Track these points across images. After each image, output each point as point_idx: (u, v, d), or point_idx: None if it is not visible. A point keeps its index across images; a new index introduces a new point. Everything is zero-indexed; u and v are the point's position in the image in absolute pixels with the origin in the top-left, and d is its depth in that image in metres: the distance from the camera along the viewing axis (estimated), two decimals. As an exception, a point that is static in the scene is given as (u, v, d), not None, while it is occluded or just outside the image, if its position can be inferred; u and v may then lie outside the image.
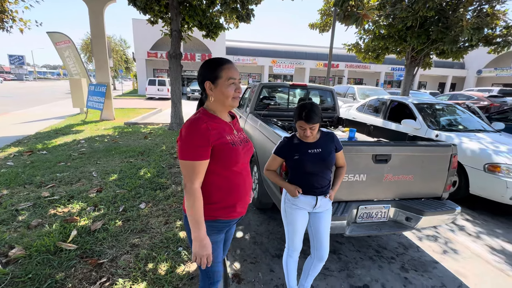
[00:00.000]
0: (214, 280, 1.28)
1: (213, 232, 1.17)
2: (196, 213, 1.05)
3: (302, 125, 1.57)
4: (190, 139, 1.04)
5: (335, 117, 4.13)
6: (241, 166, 1.18)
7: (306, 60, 25.21)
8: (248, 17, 7.06)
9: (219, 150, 1.09)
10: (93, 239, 2.22)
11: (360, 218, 2.15)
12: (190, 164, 1.04)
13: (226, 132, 1.14)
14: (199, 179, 1.07)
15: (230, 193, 1.17)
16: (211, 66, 1.12)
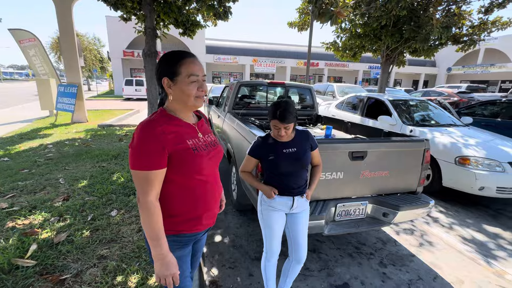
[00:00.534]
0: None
1: (177, 248, 1.05)
2: (154, 229, 0.92)
3: (276, 124, 1.50)
4: (142, 145, 0.90)
5: (313, 114, 4.13)
6: (206, 173, 1.05)
7: (287, 58, 25.41)
8: (225, 15, 6.92)
9: (178, 157, 0.96)
10: (55, 253, 2.03)
11: (339, 216, 2.13)
12: (143, 174, 0.90)
13: (187, 136, 1.01)
14: (154, 191, 0.93)
15: (194, 204, 1.05)
16: (170, 61, 0.99)
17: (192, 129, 1.06)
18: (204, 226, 1.11)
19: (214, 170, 1.13)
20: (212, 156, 1.09)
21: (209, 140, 1.12)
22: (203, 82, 1.02)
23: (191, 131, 1.05)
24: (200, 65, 1.02)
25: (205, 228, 1.13)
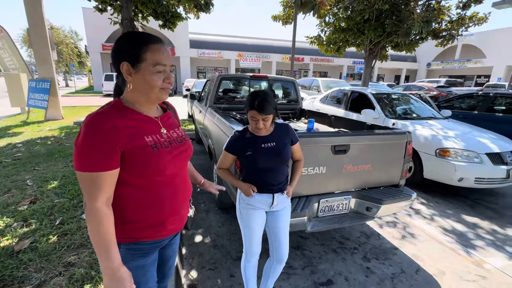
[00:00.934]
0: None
1: (137, 256, 0.93)
2: (102, 240, 0.78)
3: (254, 115, 1.39)
4: (88, 142, 0.76)
5: (297, 108, 4.07)
6: (169, 173, 0.92)
7: (273, 53, 25.29)
8: (207, 7, 6.70)
9: (133, 155, 0.83)
10: (15, 262, 1.85)
11: (322, 212, 2.07)
12: (90, 176, 0.77)
13: (146, 132, 0.88)
14: (103, 195, 0.79)
15: (156, 209, 0.92)
16: (133, 43, 0.84)
17: (153, 124, 0.93)
18: (170, 231, 0.99)
19: (181, 169, 1.00)
20: (178, 153, 0.96)
21: (175, 136, 0.99)
22: (170, 73, 0.89)
23: (151, 126, 0.92)
24: (168, 53, 0.89)
25: (171, 234, 1.00)
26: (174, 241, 1.14)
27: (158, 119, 0.96)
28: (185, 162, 1.03)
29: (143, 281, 0.96)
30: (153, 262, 1.01)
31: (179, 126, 1.07)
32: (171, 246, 1.14)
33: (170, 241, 1.09)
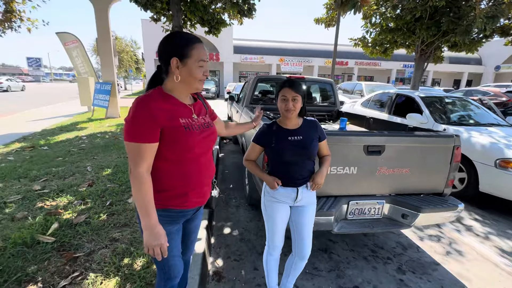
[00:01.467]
0: (170, 275, 1.17)
1: (165, 222, 1.06)
2: (143, 200, 0.95)
3: (284, 94, 1.43)
4: (134, 118, 0.93)
5: (334, 110, 3.95)
6: (197, 152, 1.07)
7: (315, 58, 24.84)
8: (249, 12, 6.94)
9: (170, 133, 0.98)
10: (73, 233, 2.16)
11: (351, 214, 1.99)
12: (134, 146, 0.93)
13: (181, 115, 1.04)
14: (145, 163, 0.95)
15: (182, 181, 1.06)
16: (181, 42, 1.00)
17: (187, 109, 1.08)
18: (193, 203, 1.12)
19: (207, 150, 1.14)
20: (205, 136, 1.10)
21: (203, 122, 1.13)
22: (207, 67, 1.06)
23: (185, 110, 1.07)
24: (206, 51, 1.06)
25: (194, 206, 1.13)
26: (196, 216, 1.28)
27: (191, 106, 1.11)
28: (211, 144, 1.16)
29: (168, 248, 1.07)
30: (177, 232, 1.14)
31: (206, 113, 1.21)
32: (193, 221, 1.28)
33: (193, 215, 1.22)
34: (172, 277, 1.18)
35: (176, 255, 1.15)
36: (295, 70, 23.31)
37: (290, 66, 22.55)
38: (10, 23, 6.77)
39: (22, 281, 1.65)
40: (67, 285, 1.65)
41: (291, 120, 1.51)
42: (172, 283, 1.19)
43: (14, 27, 6.94)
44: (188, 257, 1.39)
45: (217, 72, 25.78)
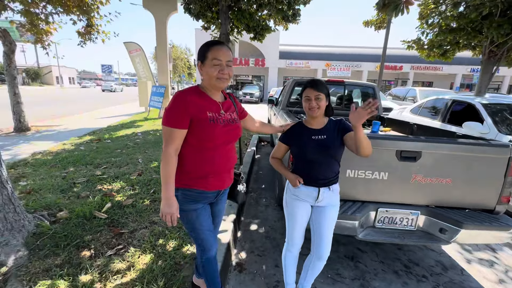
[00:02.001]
0: (204, 247, 1.34)
1: (188, 200, 1.24)
2: (166, 174, 1.13)
3: (307, 94, 1.46)
4: (172, 107, 1.13)
5: (375, 116, 3.74)
6: (218, 143, 1.21)
7: (364, 62, 23.58)
8: (294, 17, 7.00)
9: (196, 123, 1.15)
10: (121, 212, 2.50)
11: (380, 222, 1.89)
12: (168, 129, 1.13)
13: (209, 109, 1.19)
14: (173, 145, 1.13)
15: (202, 165, 1.21)
16: (202, 48, 1.19)
17: (215, 105, 1.24)
18: (212, 186, 1.26)
19: (228, 142, 1.28)
20: (228, 130, 1.25)
21: (229, 118, 1.29)
22: (225, 66, 1.16)
23: (214, 106, 1.23)
24: (225, 51, 1.16)
25: (213, 189, 1.28)
26: (219, 201, 1.44)
27: (220, 103, 1.27)
28: (233, 138, 1.31)
29: (197, 222, 1.29)
30: (204, 209, 1.30)
31: (234, 111, 1.37)
32: (217, 205, 1.45)
33: (216, 199, 1.38)
34: (206, 249, 1.34)
35: (206, 229, 1.31)
36: (342, 75, 22.47)
37: (337, 71, 21.82)
38: (90, 35, 8.00)
39: (80, 246, 1.99)
40: (113, 254, 1.93)
41: (316, 120, 1.52)
42: (207, 254, 1.35)
43: (92, 38, 8.19)
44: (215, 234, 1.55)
45: (262, 77, 26.32)
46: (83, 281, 1.65)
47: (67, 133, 6.48)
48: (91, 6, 6.90)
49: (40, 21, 6.49)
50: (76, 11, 6.62)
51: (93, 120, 8.78)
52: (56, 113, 10.50)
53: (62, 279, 1.65)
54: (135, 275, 1.73)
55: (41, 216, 2.27)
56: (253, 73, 26.25)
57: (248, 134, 6.97)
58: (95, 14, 7.24)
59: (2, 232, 1.86)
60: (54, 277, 1.66)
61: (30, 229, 2.04)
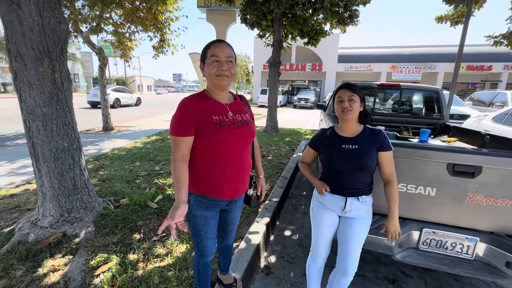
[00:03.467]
0: (203, 253, 1.36)
1: (201, 207, 1.24)
2: (175, 179, 1.11)
3: (340, 94, 1.40)
4: (175, 115, 1.13)
5: (439, 123, 3.27)
6: (228, 146, 1.16)
7: (439, 63, 20.67)
8: (351, 19, 6.67)
9: (202, 128, 1.12)
10: (169, 204, 2.80)
11: (425, 245, 1.66)
12: (173, 138, 1.13)
13: (215, 112, 1.16)
14: (179, 152, 1.12)
15: (216, 173, 1.18)
16: (204, 48, 1.17)
17: (222, 108, 1.20)
18: (225, 196, 1.23)
19: (240, 146, 1.23)
20: (238, 132, 1.20)
21: (240, 119, 1.23)
22: (224, 62, 1.12)
23: (220, 109, 1.19)
24: (223, 47, 1.12)
25: (225, 198, 1.25)
26: (233, 208, 1.41)
27: (227, 105, 1.23)
28: (246, 141, 1.25)
29: (203, 229, 1.29)
30: (212, 218, 1.30)
31: (246, 112, 1.31)
32: (231, 212, 1.42)
33: (228, 206, 1.35)
34: (205, 255, 1.37)
35: (210, 237, 1.33)
36: (410, 78, 20.21)
37: (404, 74, 19.75)
38: (162, 48, 9.19)
39: (132, 229, 2.32)
40: (157, 240, 2.19)
41: (349, 126, 1.44)
42: (204, 260, 1.39)
43: (163, 51, 9.38)
44: (229, 243, 1.57)
45: (319, 82, 25.65)
46: (130, 259, 1.92)
47: (139, 133, 7.56)
48: (164, 23, 7.94)
49: (125, 39, 7.80)
50: (153, 28, 7.72)
51: (161, 122, 10.01)
52: (134, 115, 12.34)
53: (115, 254, 1.96)
54: (171, 261, 1.93)
55: (109, 201, 2.73)
56: (309, 78, 25.82)
57: (297, 139, 6.90)
58: (167, 30, 8.29)
59: (79, 209, 2.32)
60: (110, 252, 1.99)
61: (98, 210, 2.49)
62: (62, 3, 1.98)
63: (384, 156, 1.39)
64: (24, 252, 1.95)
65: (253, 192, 1.46)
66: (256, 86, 25.98)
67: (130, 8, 6.80)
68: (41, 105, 2.00)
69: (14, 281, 1.69)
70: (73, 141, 2.26)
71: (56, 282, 1.70)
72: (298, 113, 16.10)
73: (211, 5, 12.33)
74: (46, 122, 2.05)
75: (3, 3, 1.78)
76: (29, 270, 1.79)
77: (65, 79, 2.11)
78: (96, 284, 1.68)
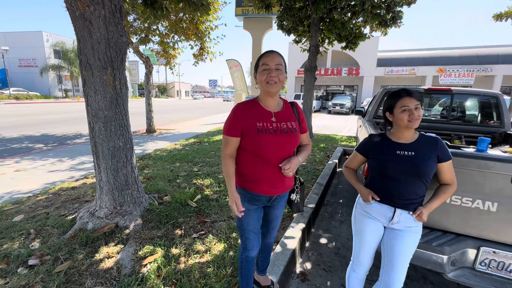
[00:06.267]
0: (247, 246, 1.44)
1: (244, 200, 1.36)
2: (225, 174, 1.32)
3: (406, 103, 1.29)
4: (228, 118, 1.30)
5: (499, 132, 2.93)
6: (267, 151, 1.25)
7: (498, 65, 18.53)
8: (394, 21, 6.34)
9: (246, 131, 1.26)
10: (207, 204, 2.93)
11: (484, 265, 1.51)
12: (224, 137, 1.30)
13: (259, 119, 1.26)
14: (228, 150, 1.30)
15: (256, 171, 1.30)
16: (257, 59, 1.30)
17: (268, 114, 1.29)
18: (264, 191, 1.33)
19: (279, 152, 1.28)
20: (278, 140, 1.26)
21: (284, 127, 1.30)
22: (274, 70, 1.21)
23: (266, 115, 1.29)
24: (274, 57, 1.22)
25: (264, 194, 1.34)
26: (276, 206, 1.48)
27: (273, 112, 1.30)
28: (285, 148, 1.30)
29: (245, 221, 1.40)
30: (255, 211, 1.40)
31: (294, 120, 1.35)
32: (274, 209, 1.49)
33: (270, 203, 1.42)
34: (248, 248, 1.44)
35: (252, 230, 1.41)
36: (461, 83, 18.46)
37: (453, 78, 18.12)
38: (202, 56, 9.68)
39: (175, 225, 2.47)
40: (196, 237, 2.30)
41: (407, 133, 1.37)
42: (248, 253, 1.45)
43: (203, 58, 9.87)
44: (270, 240, 1.62)
45: (355, 87, 24.67)
46: (173, 253, 2.05)
47: (178, 136, 8.02)
48: (204, 32, 8.38)
49: (169, 48, 8.39)
50: (194, 37, 8.20)
51: (198, 126, 10.50)
52: (173, 119, 13.14)
53: (160, 247, 2.11)
54: (210, 258, 2.01)
55: (154, 197, 2.95)
56: (345, 83, 24.99)
57: (332, 145, 6.71)
58: (207, 39, 8.73)
59: (129, 203, 2.54)
60: (155, 244, 2.14)
61: (145, 205, 2.70)
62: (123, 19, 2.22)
63: (445, 166, 1.32)
64: (84, 238, 2.19)
65: (295, 197, 1.50)
66: (289, 92, 25.88)
67: (175, 19, 7.33)
68: (103, 108, 2.26)
69: (77, 263, 1.92)
70: (127, 141, 2.50)
71: (110, 268, 1.89)
72: (333, 118, 15.64)
73: (248, 14, 12.76)
74: (107, 123, 2.30)
75: (78, 21, 2.07)
76: (88, 255, 2.01)
77: (123, 85, 2.35)
78: (144, 273, 1.82)
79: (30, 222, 2.50)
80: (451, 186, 1.34)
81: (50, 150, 5.75)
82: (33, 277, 1.77)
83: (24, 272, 1.82)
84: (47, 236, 2.26)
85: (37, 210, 2.76)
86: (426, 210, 1.32)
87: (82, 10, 2.02)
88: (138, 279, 1.76)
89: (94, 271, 1.85)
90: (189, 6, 3.34)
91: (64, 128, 8.96)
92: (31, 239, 2.21)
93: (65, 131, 8.39)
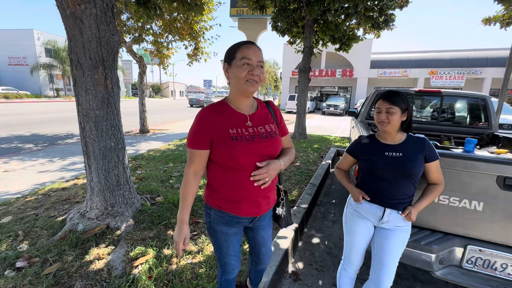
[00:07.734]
0: (225, 270, 1.29)
1: (221, 223, 1.14)
2: (182, 195, 1.09)
3: (379, 105, 1.38)
4: (192, 127, 1.05)
5: (487, 133, 3.01)
6: (243, 162, 1.03)
7: (486, 68, 18.98)
8: (386, 23, 6.44)
9: (217, 142, 1.03)
10: (200, 205, 2.92)
11: (470, 263, 1.54)
12: (188, 150, 1.06)
13: (232, 125, 1.04)
14: (193, 166, 1.06)
15: (234, 188, 1.07)
16: (230, 48, 1.03)
17: (241, 119, 1.07)
18: (245, 213, 1.11)
19: (259, 161, 1.06)
20: (258, 147, 1.05)
21: (262, 132, 1.09)
22: (256, 66, 1.00)
23: (239, 120, 1.06)
24: (255, 51, 1.01)
25: (246, 215, 1.12)
26: (261, 227, 1.26)
27: (248, 115, 1.09)
28: (266, 156, 1.08)
29: (224, 246, 1.20)
30: (235, 234, 1.19)
31: (271, 123, 1.16)
32: (258, 232, 1.27)
33: (252, 224, 1.21)
34: (227, 272, 1.30)
35: (232, 254, 1.23)
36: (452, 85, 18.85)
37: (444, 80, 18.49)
38: (196, 56, 9.64)
39: (167, 226, 2.45)
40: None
41: (390, 135, 1.41)
42: (226, 276, 1.31)
43: (197, 59, 9.83)
44: (263, 268, 1.45)
45: (349, 89, 24.93)
46: (165, 254, 2.04)
47: (172, 136, 7.97)
48: (198, 32, 8.35)
49: (163, 48, 8.34)
50: (188, 37, 8.16)
51: (192, 126, 10.45)
52: (167, 119, 13.04)
53: (152, 248, 2.09)
54: (202, 259, 2.01)
55: (146, 198, 2.92)
56: (339, 84, 25.23)
57: (326, 146, 6.76)
58: (201, 39, 8.70)
59: (120, 204, 2.52)
60: (147, 245, 2.13)
61: (137, 206, 2.67)
62: (115, 17, 2.20)
63: (433, 166, 1.36)
64: (74, 239, 2.16)
65: (282, 211, 1.29)
66: (284, 92, 26.00)
67: (169, 19, 7.28)
68: (95, 108, 2.23)
69: (66, 265, 1.89)
70: (119, 141, 2.47)
71: (100, 269, 1.87)
72: (327, 119, 15.78)
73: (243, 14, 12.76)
74: (98, 123, 2.28)
75: (69, 19, 2.04)
76: (78, 257, 1.98)
77: (115, 85, 2.33)
78: (135, 274, 1.80)
79: (18, 223, 2.45)
80: (439, 185, 1.38)
81: (40, 150, 5.64)
82: (21, 280, 1.73)
83: (12, 274, 1.78)
84: (36, 237, 2.22)
85: (26, 212, 2.71)
86: (415, 210, 1.34)
87: (73, 9, 1.99)
88: (129, 281, 1.75)
89: (84, 273, 1.83)
90: (182, 6, 3.33)
91: (55, 128, 8.80)
92: (19, 241, 2.16)
93: (56, 131, 8.25)
